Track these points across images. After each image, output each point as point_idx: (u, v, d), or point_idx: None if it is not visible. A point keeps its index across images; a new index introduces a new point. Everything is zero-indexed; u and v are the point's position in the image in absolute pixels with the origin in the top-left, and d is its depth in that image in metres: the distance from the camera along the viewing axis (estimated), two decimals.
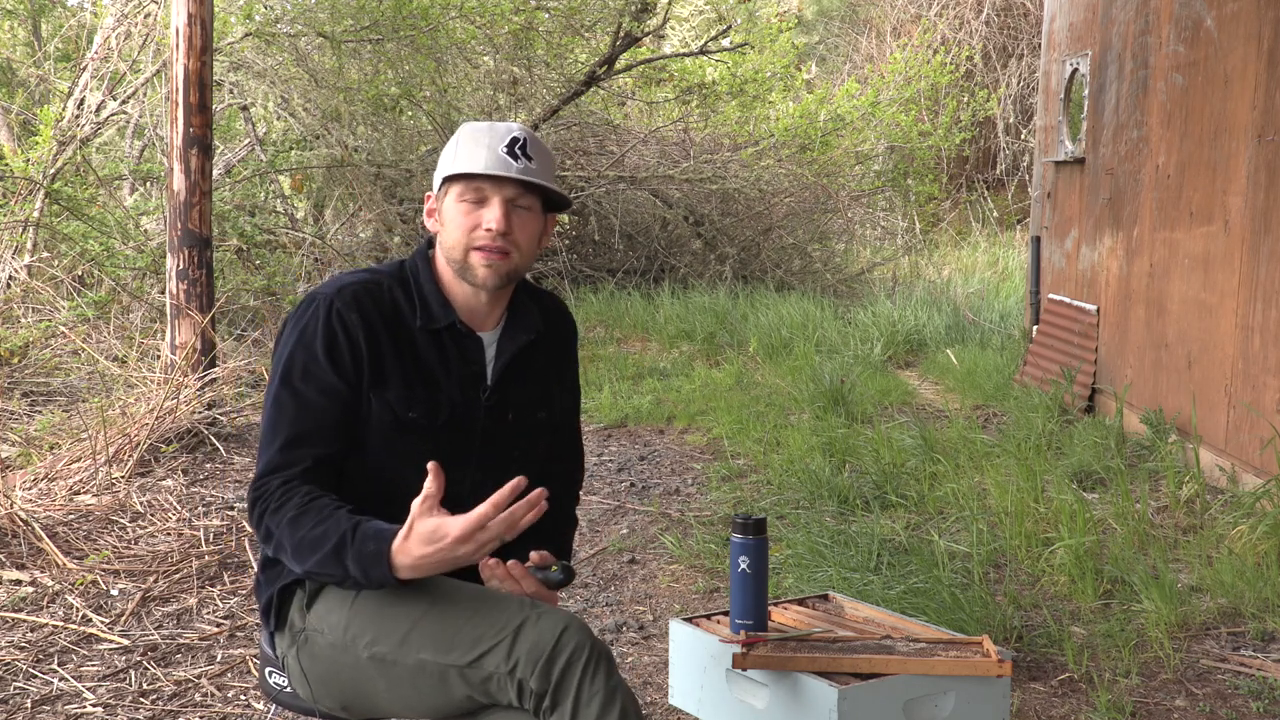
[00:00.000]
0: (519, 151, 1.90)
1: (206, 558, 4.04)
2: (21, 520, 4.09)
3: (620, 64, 10.74)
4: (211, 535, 4.26)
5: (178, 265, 5.77)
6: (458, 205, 1.92)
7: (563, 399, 2.14)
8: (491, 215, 1.89)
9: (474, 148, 1.90)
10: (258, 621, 3.11)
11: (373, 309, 1.92)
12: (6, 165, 8.23)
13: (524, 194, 1.92)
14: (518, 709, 1.72)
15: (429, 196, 2.01)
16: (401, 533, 1.73)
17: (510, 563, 1.91)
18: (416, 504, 1.72)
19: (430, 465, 1.72)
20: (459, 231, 1.91)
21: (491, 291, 1.96)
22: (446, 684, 1.76)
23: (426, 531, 1.70)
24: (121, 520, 4.39)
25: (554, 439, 2.13)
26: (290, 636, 1.94)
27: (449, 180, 1.93)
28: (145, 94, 9.05)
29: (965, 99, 13.71)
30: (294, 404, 1.87)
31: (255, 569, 2.09)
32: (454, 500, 1.96)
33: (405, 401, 1.91)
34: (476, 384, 1.98)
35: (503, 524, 1.68)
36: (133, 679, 3.18)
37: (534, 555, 1.92)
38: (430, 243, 2.03)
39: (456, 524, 1.69)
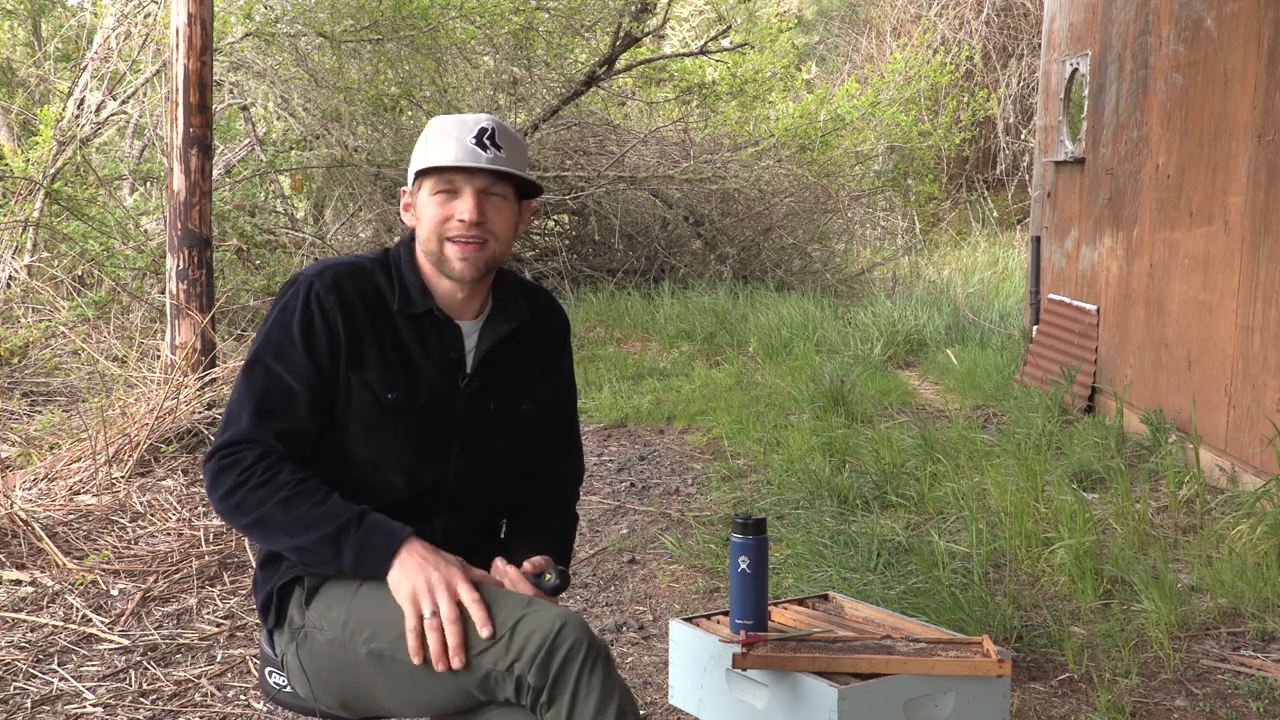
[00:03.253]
0: (488, 141, 1.92)
1: (206, 558, 4.04)
2: (21, 520, 4.09)
3: (620, 64, 10.74)
4: (211, 535, 4.26)
5: (178, 265, 5.77)
6: (431, 199, 1.95)
7: (554, 392, 2.14)
8: (464, 206, 1.92)
9: (444, 141, 1.93)
10: (257, 621, 3.11)
11: (352, 292, 1.94)
12: (6, 165, 8.23)
13: (496, 183, 1.94)
14: (515, 706, 1.73)
15: (404, 192, 2.04)
16: (427, 544, 1.82)
17: (498, 561, 1.93)
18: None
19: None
20: (433, 224, 1.94)
21: (470, 284, 1.98)
22: (444, 680, 1.76)
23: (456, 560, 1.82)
24: (121, 520, 4.38)
25: (545, 432, 2.13)
26: (289, 634, 1.94)
27: (421, 175, 1.96)
28: (145, 94, 9.05)
29: (965, 99, 13.71)
30: (265, 379, 1.90)
31: (254, 568, 2.10)
32: (438, 486, 1.97)
33: (385, 383, 1.92)
34: (456, 371, 1.99)
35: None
36: (133, 679, 3.18)
37: (528, 564, 1.93)
38: (414, 234, 2.05)
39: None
